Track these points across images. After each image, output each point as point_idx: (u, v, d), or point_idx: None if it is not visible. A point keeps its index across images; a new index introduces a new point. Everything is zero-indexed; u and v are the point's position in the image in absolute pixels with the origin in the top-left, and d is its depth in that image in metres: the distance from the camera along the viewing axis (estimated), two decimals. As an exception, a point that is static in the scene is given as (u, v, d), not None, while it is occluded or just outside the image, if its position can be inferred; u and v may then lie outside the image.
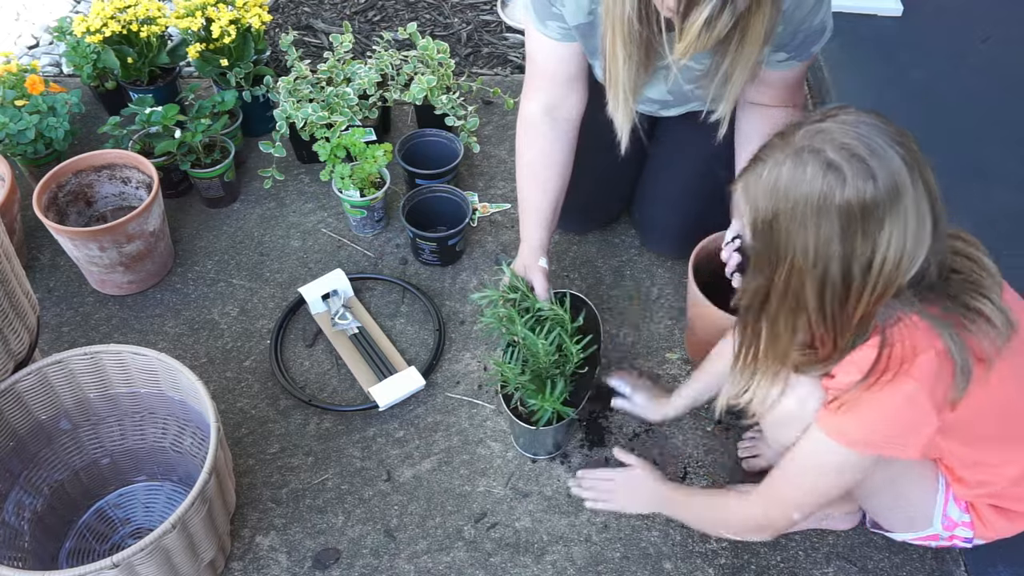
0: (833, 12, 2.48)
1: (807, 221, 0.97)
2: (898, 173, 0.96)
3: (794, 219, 0.98)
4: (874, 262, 0.98)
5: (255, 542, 1.52)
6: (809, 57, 1.48)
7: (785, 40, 1.41)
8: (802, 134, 0.99)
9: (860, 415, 1.07)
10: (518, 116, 1.64)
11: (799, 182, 0.97)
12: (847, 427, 1.09)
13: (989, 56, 2.31)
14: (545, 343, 1.44)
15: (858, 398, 1.06)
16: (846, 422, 1.09)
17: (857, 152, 0.96)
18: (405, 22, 2.54)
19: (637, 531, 1.53)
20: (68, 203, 1.88)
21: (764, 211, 1.01)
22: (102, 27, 2.03)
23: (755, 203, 1.02)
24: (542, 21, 1.50)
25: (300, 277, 1.91)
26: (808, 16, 1.38)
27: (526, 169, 1.64)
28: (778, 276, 1.03)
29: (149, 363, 1.39)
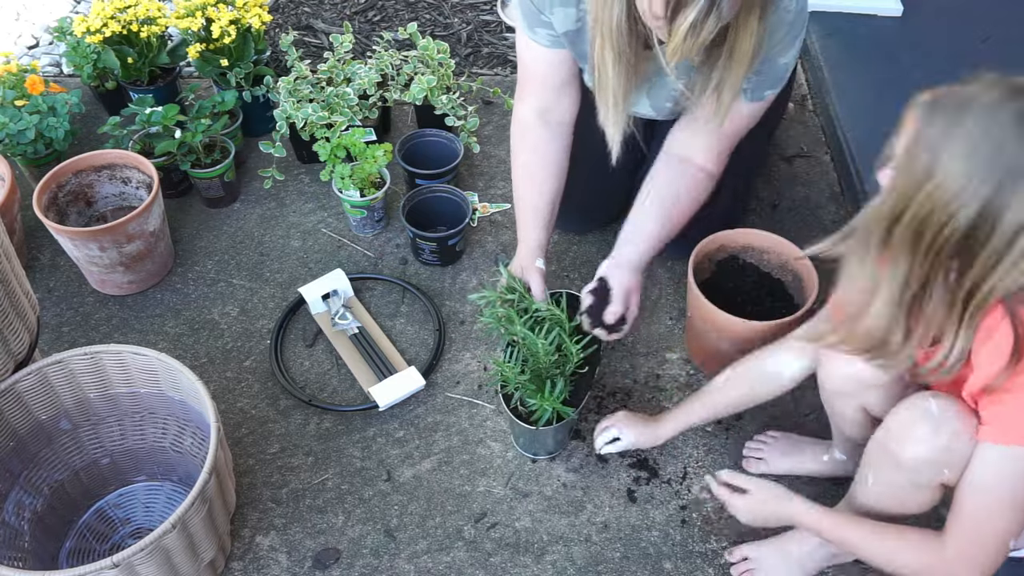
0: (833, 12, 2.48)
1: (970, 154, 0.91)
2: None
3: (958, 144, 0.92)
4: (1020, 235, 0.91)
5: (255, 542, 1.52)
6: (760, 100, 1.47)
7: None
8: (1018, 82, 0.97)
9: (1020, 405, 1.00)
10: (512, 118, 1.65)
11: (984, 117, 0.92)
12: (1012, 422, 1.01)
13: (989, 56, 2.31)
14: (545, 343, 1.44)
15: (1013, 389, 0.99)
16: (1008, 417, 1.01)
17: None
18: (405, 22, 2.54)
19: (637, 531, 1.53)
20: (68, 203, 1.88)
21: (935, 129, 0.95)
22: (102, 27, 2.03)
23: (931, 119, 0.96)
24: (531, 28, 1.50)
25: (300, 277, 1.91)
26: (778, 52, 1.38)
27: (521, 170, 1.64)
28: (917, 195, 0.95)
29: (149, 363, 1.39)
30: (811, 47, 2.36)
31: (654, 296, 1.88)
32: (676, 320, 1.84)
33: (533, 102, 1.60)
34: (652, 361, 1.77)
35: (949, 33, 2.39)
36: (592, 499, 1.57)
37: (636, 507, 1.56)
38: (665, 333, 1.82)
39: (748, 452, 1.62)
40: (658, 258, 1.92)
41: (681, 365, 1.76)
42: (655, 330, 1.82)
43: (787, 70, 1.44)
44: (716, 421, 1.66)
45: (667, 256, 1.92)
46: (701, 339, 1.69)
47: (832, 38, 2.38)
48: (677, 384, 1.73)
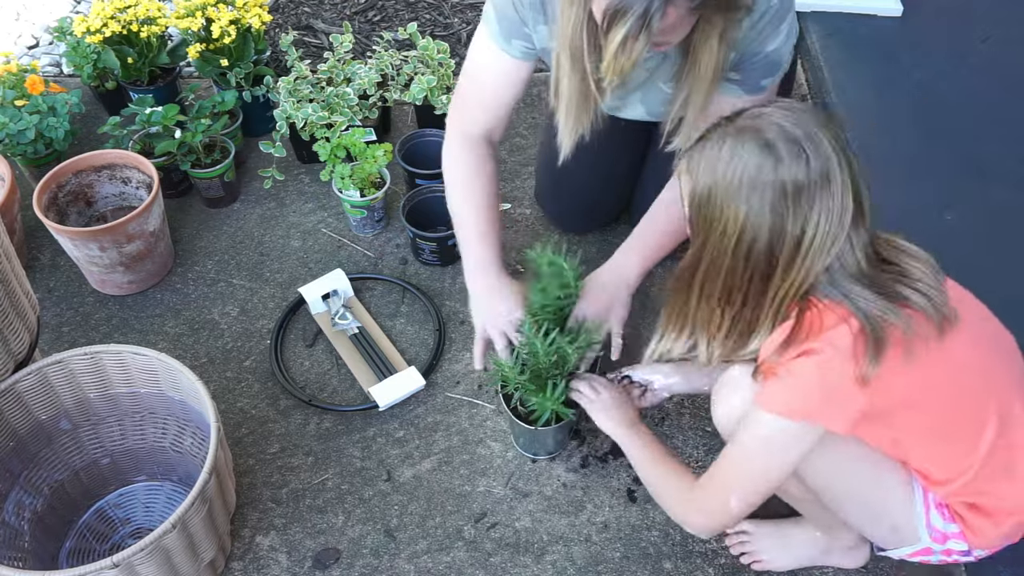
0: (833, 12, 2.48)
1: (740, 194, 1.04)
2: (828, 158, 1.03)
3: (728, 191, 1.05)
4: (803, 241, 1.04)
5: (255, 542, 1.52)
6: (757, 91, 1.44)
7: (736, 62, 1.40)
8: (745, 116, 1.07)
9: (783, 382, 1.11)
10: (449, 134, 1.60)
11: (737, 157, 1.04)
12: (773, 394, 1.12)
13: (989, 56, 2.31)
14: (544, 344, 1.44)
15: (780, 366, 1.10)
16: (771, 389, 1.12)
17: (793, 134, 1.03)
18: (405, 22, 2.54)
19: (637, 531, 1.53)
20: (68, 203, 1.88)
21: (703, 184, 1.08)
22: (102, 27, 2.03)
23: (695, 176, 1.09)
24: (507, 39, 1.48)
25: (300, 277, 1.91)
26: (761, 41, 1.37)
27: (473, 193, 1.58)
28: (710, 243, 1.10)
29: (149, 363, 1.39)
30: (811, 47, 2.36)
31: (654, 295, 1.88)
32: (676, 320, 1.84)
33: (481, 119, 1.57)
34: (652, 361, 1.77)
35: (949, 33, 2.39)
36: (592, 499, 1.57)
37: (636, 507, 1.56)
38: (665, 333, 1.82)
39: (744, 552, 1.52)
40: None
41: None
42: (649, 324, 1.82)
43: (781, 56, 1.41)
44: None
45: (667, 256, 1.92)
46: (701, 339, 1.69)
47: (832, 38, 2.38)
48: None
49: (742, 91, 1.44)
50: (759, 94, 1.45)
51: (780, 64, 1.43)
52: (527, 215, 2.02)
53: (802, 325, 1.09)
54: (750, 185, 1.04)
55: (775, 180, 1.02)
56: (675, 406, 1.70)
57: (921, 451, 1.21)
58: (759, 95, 1.45)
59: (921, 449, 1.21)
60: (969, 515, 1.22)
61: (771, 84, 1.46)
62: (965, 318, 1.14)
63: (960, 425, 1.18)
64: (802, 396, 1.10)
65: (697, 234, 1.12)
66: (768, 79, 1.44)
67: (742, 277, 1.10)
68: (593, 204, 1.92)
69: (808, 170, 1.02)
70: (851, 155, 1.05)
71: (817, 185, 1.02)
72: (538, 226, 2.01)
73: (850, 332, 1.06)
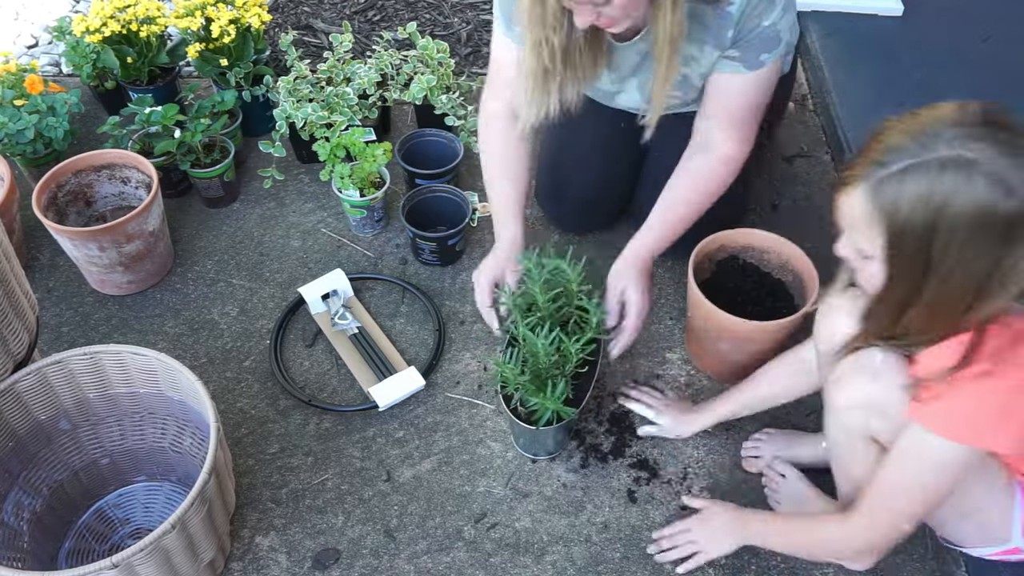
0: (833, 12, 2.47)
1: (970, 235, 0.96)
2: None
3: (955, 232, 0.96)
4: (1013, 269, 0.98)
5: (255, 542, 1.52)
6: (758, 66, 1.45)
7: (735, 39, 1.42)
8: (946, 141, 0.96)
9: (965, 405, 1.05)
10: (480, 114, 1.67)
11: (961, 195, 0.95)
12: (952, 417, 1.07)
13: (990, 56, 2.31)
14: (545, 343, 1.44)
15: (959, 387, 1.04)
16: (949, 411, 1.07)
17: (1013, 161, 0.94)
18: (405, 22, 2.54)
19: (637, 531, 1.53)
20: (67, 203, 1.88)
21: (914, 222, 0.98)
22: (101, 27, 2.03)
23: (898, 211, 0.99)
24: (508, 27, 1.51)
25: (300, 277, 1.91)
26: (757, 16, 1.38)
27: (498, 162, 1.65)
28: (928, 283, 1.02)
29: (148, 363, 1.39)
30: (811, 47, 2.36)
31: (654, 296, 1.88)
32: (676, 320, 1.84)
33: (505, 99, 1.62)
34: (652, 361, 1.77)
35: (949, 33, 2.39)
36: (592, 499, 1.57)
37: (636, 507, 1.56)
38: (665, 333, 1.82)
39: (745, 452, 1.62)
40: (658, 258, 1.93)
41: (681, 365, 1.76)
42: (655, 330, 1.82)
43: (778, 30, 1.41)
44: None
45: (667, 256, 1.92)
46: (701, 339, 1.69)
47: (832, 38, 2.38)
48: (677, 384, 1.73)
49: (743, 67, 1.45)
50: (759, 69, 1.46)
51: (779, 38, 1.43)
52: (527, 215, 2.02)
53: (983, 344, 1.03)
54: (979, 224, 0.95)
55: (1003, 216, 0.94)
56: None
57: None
58: (760, 70, 1.46)
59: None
60: None
61: (771, 60, 1.45)
62: None
63: None
64: (979, 423, 1.06)
65: (903, 273, 1.04)
66: (767, 54, 1.44)
67: (949, 314, 1.03)
68: (593, 204, 1.92)
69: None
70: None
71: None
72: (538, 226, 2.01)
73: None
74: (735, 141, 1.55)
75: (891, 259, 1.04)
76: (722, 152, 1.56)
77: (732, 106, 1.52)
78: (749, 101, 1.51)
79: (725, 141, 1.55)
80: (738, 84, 1.48)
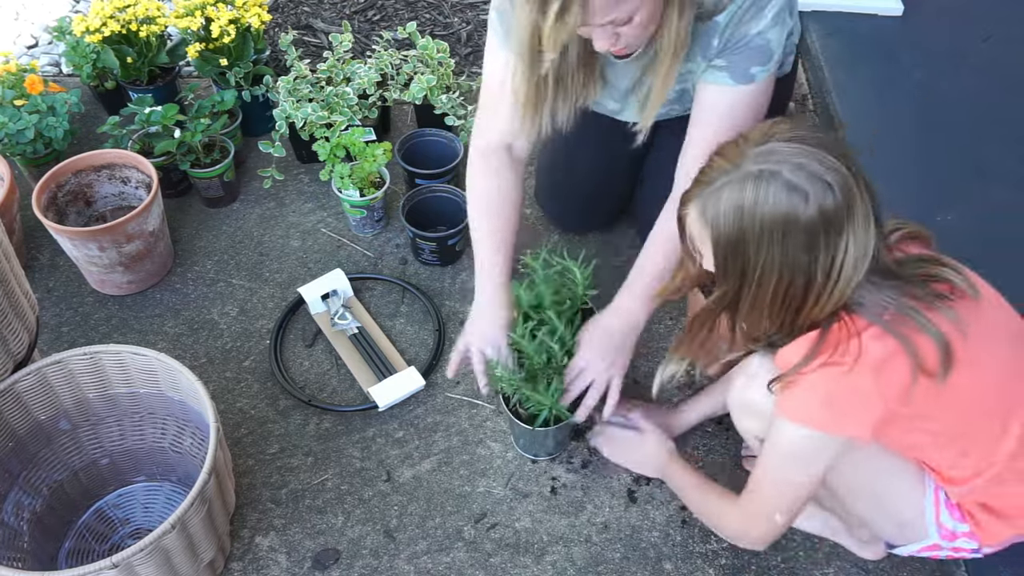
0: (833, 12, 2.47)
1: (774, 239, 1.04)
2: (847, 182, 1.03)
3: (761, 237, 1.05)
4: (833, 269, 1.05)
5: (255, 542, 1.52)
6: (747, 79, 1.35)
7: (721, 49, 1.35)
8: (752, 157, 1.05)
9: (805, 392, 1.12)
10: (471, 149, 1.59)
11: (763, 203, 1.03)
12: (797, 404, 1.14)
13: (990, 55, 2.31)
14: (534, 344, 1.44)
15: (805, 377, 1.11)
16: (795, 399, 1.13)
17: (812, 170, 1.02)
18: (405, 21, 2.54)
19: (637, 531, 1.53)
20: (67, 203, 1.88)
21: (728, 231, 1.07)
22: (101, 27, 2.03)
23: (718, 224, 1.08)
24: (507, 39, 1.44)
25: (300, 277, 1.91)
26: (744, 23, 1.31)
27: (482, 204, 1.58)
28: (745, 287, 1.10)
29: (148, 363, 1.39)
30: (811, 47, 2.36)
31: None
32: (676, 320, 1.84)
33: (500, 127, 1.53)
34: (652, 361, 1.77)
35: (949, 33, 2.39)
36: (592, 499, 1.57)
37: (636, 507, 1.56)
38: (665, 333, 1.82)
39: (745, 451, 1.61)
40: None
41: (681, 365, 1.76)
42: (655, 330, 1.82)
43: (768, 41, 1.32)
44: (717, 421, 1.66)
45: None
46: (701, 339, 1.69)
47: (832, 38, 2.37)
48: (677, 384, 1.73)
49: (730, 78, 1.36)
50: (750, 83, 1.36)
51: (769, 51, 1.33)
52: (527, 215, 2.02)
53: (827, 338, 1.10)
54: (783, 229, 1.03)
55: (807, 219, 1.02)
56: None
57: (938, 454, 1.22)
58: (750, 85, 1.37)
59: (938, 452, 1.21)
60: (982, 515, 1.22)
61: (764, 76, 1.36)
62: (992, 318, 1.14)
63: (981, 429, 1.18)
64: (824, 406, 1.11)
65: (727, 279, 1.12)
66: (758, 67, 1.34)
67: (777, 313, 1.11)
68: (593, 204, 1.92)
69: (835, 200, 1.02)
70: (859, 165, 1.06)
71: (844, 213, 1.03)
72: (538, 226, 2.01)
73: (872, 344, 1.07)
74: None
75: (717, 269, 1.13)
76: None
77: (719, 126, 1.38)
78: (736, 122, 1.37)
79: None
80: (724, 99, 1.38)
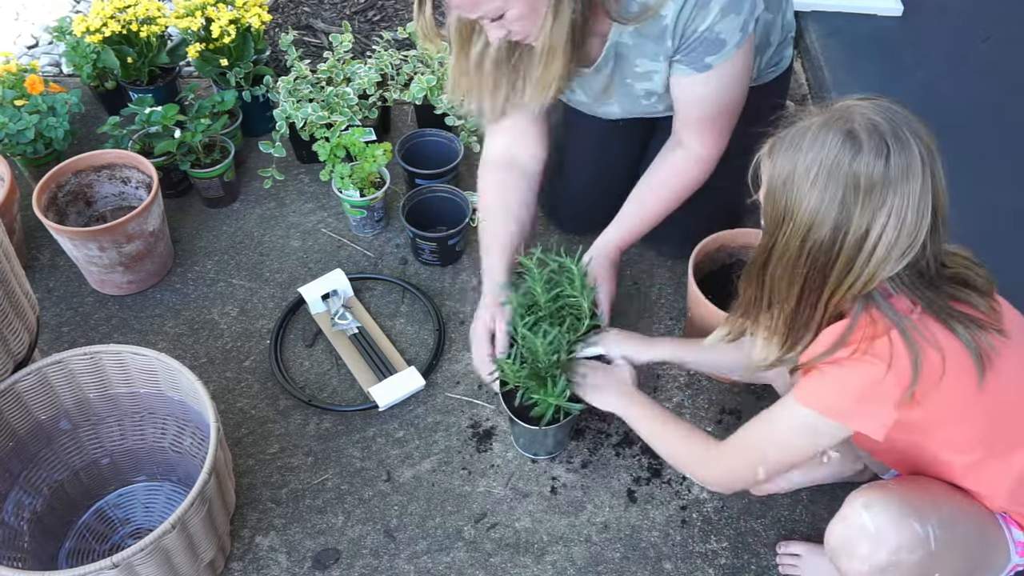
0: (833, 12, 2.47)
1: (816, 182, 1.02)
2: (912, 159, 1.00)
3: (805, 178, 1.03)
4: (866, 240, 1.02)
5: (255, 542, 1.52)
6: (704, 69, 1.45)
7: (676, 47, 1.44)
8: (838, 106, 1.04)
9: (824, 380, 1.12)
10: (482, 157, 1.67)
11: (818, 144, 1.02)
12: (813, 391, 1.13)
13: (990, 56, 2.31)
14: (544, 342, 1.44)
15: (825, 368, 1.11)
16: (812, 385, 1.14)
17: (880, 129, 1.00)
18: (405, 22, 2.54)
19: (637, 531, 1.53)
20: (68, 203, 1.88)
21: (780, 170, 1.06)
22: (102, 27, 2.03)
23: (775, 161, 1.07)
24: None
25: (300, 277, 1.91)
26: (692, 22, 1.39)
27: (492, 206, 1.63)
28: (780, 234, 1.08)
29: (149, 363, 1.39)
30: (811, 47, 2.36)
31: (654, 296, 1.88)
32: (676, 320, 1.84)
33: (506, 135, 1.63)
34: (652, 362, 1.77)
35: (949, 33, 2.39)
36: (592, 499, 1.57)
37: (636, 507, 1.56)
38: (665, 333, 1.82)
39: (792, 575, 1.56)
40: (658, 258, 1.93)
41: (681, 365, 1.76)
42: (655, 330, 1.82)
43: (718, 33, 1.40)
44: (717, 421, 1.66)
45: (667, 256, 1.93)
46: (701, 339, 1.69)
47: (832, 38, 2.37)
48: (677, 384, 1.73)
49: (691, 69, 1.46)
50: (707, 71, 1.45)
51: (721, 41, 1.41)
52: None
53: (856, 329, 1.08)
54: (825, 174, 1.01)
55: (849, 172, 1.00)
56: (675, 406, 1.70)
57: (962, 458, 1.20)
58: (710, 72, 1.45)
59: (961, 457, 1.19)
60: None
61: (719, 62, 1.44)
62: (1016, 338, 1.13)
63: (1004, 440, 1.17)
64: (840, 398, 1.11)
65: (768, 224, 1.11)
66: (713, 56, 1.43)
67: (801, 271, 1.07)
68: (592, 204, 1.92)
69: (886, 168, 0.99)
70: (937, 165, 1.02)
71: (892, 185, 0.99)
72: (538, 226, 2.01)
73: (899, 345, 1.05)
74: (704, 141, 1.56)
75: (764, 215, 1.12)
76: (693, 151, 1.57)
77: (693, 107, 1.53)
78: (709, 101, 1.51)
79: (693, 141, 1.56)
80: (692, 85, 1.49)
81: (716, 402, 1.70)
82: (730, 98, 1.52)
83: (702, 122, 1.54)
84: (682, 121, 1.56)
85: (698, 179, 1.59)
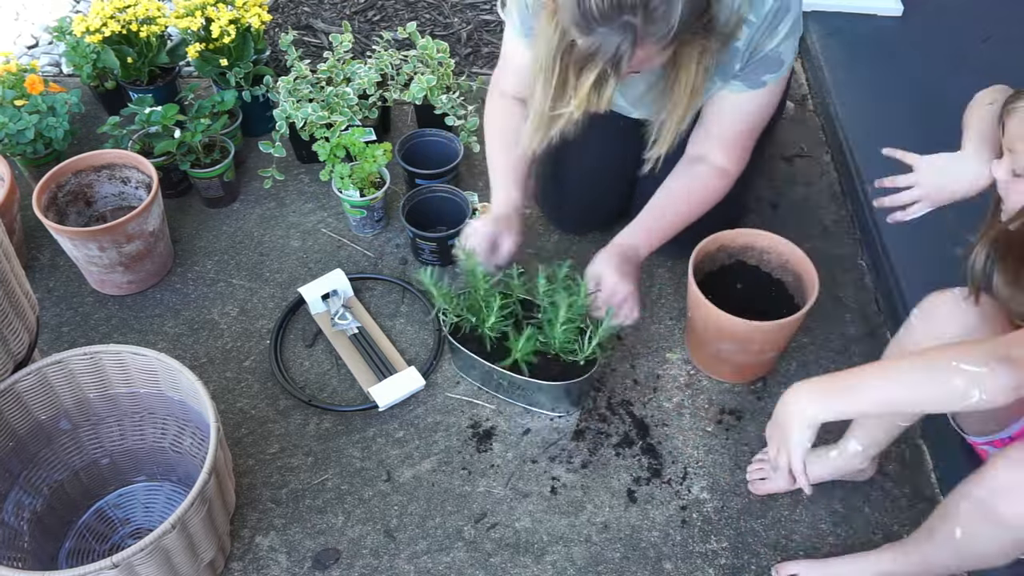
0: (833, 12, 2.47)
1: None
2: None
3: None
4: None
5: (255, 542, 1.52)
6: (759, 85, 1.48)
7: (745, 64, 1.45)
8: None
9: None
10: (489, 93, 1.70)
11: None
12: None
13: (990, 56, 2.31)
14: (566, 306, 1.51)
15: None
16: None
17: None
18: (405, 22, 2.54)
19: (637, 531, 1.53)
20: (68, 203, 1.88)
21: None
22: (102, 27, 2.03)
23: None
24: (526, 33, 1.54)
25: (300, 277, 1.91)
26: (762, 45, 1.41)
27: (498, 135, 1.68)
28: None
29: (149, 363, 1.39)
30: (811, 47, 2.36)
31: (654, 296, 1.88)
32: (676, 320, 1.84)
33: (516, 89, 1.65)
34: (652, 361, 1.77)
35: (949, 33, 2.39)
36: (592, 499, 1.57)
37: (636, 507, 1.56)
38: (665, 333, 1.82)
39: (751, 474, 1.59)
40: (658, 258, 1.93)
41: (681, 365, 1.76)
42: (655, 330, 1.82)
43: (779, 53, 1.44)
44: (717, 421, 1.66)
45: (667, 256, 1.93)
46: (701, 339, 1.69)
47: (832, 38, 2.37)
48: (677, 384, 1.73)
49: (745, 87, 1.48)
50: (760, 88, 1.49)
51: (781, 61, 1.46)
52: (527, 215, 2.02)
53: None
54: None
55: None
56: (675, 406, 1.70)
57: None
58: (761, 89, 1.49)
59: None
60: None
61: (774, 81, 1.48)
62: None
63: None
64: None
65: None
66: (771, 75, 1.47)
67: None
68: (592, 204, 1.92)
69: None
70: None
71: None
72: (538, 226, 2.01)
73: None
74: (732, 159, 1.58)
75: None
76: (718, 166, 1.58)
77: (736, 121, 1.54)
78: (749, 120, 1.54)
79: (721, 155, 1.58)
80: (741, 102, 1.51)
81: (716, 402, 1.70)
82: (768, 113, 1.55)
83: (739, 136, 1.56)
84: (716, 136, 1.57)
85: (721, 195, 1.61)
